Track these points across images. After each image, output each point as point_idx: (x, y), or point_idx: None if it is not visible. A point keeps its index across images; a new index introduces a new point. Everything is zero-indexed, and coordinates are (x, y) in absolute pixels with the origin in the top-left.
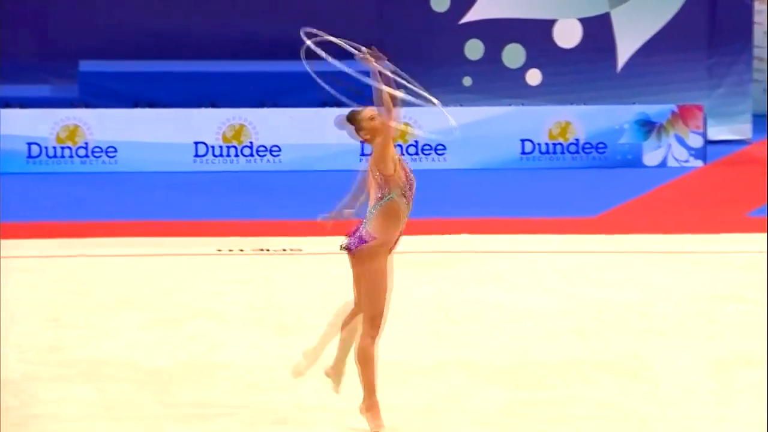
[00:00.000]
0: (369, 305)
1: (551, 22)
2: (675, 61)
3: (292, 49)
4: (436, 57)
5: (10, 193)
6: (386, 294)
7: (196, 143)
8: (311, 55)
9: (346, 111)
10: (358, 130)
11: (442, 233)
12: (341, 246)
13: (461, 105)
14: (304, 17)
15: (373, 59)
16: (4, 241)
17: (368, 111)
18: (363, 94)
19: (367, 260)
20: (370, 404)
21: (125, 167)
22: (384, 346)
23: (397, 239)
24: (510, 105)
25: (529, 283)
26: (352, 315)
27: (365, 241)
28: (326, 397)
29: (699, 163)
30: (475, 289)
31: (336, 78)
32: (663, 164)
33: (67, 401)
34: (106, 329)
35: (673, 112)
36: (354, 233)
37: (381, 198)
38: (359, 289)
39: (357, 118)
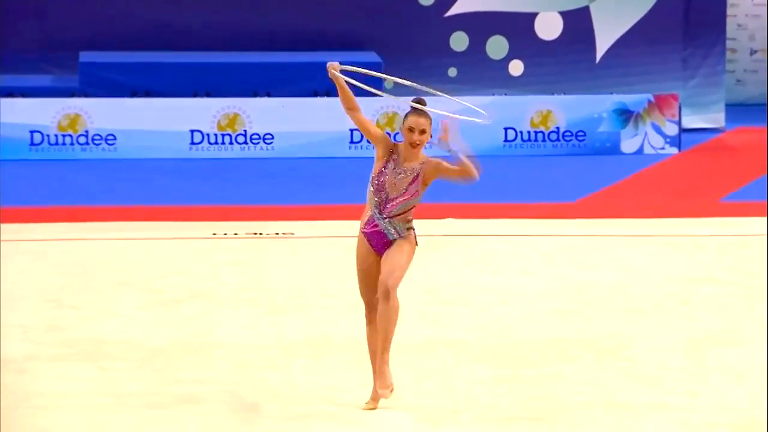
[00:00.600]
0: None
1: (533, 15)
2: (651, 52)
3: (284, 41)
4: (423, 49)
5: (13, 178)
6: (359, 273)
7: (192, 131)
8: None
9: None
10: (426, 122)
11: (429, 218)
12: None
13: (447, 95)
14: (295, 10)
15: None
16: (7, 225)
17: (411, 120)
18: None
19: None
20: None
21: (124, 154)
22: None
23: (374, 229)
24: (493, 95)
25: (514, 266)
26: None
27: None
28: (316, 375)
29: (674, 151)
30: (462, 271)
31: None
32: (640, 151)
33: (68, 379)
34: (106, 310)
35: (649, 102)
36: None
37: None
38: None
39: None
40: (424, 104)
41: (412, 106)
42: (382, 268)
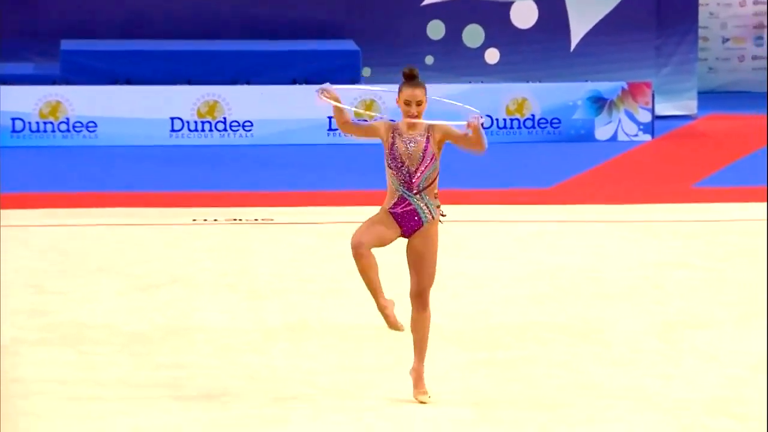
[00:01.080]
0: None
1: (508, 4)
2: (625, 41)
3: (263, 29)
4: (400, 37)
5: None
6: (369, 224)
7: (173, 118)
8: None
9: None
10: (421, 93)
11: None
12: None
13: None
14: None
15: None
16: None
17: (407, 92)
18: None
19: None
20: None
21: (105, 141)
22: (355, 311)
23: (405, 209)
24: (470, 82)
25: (489, 251)
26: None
27: None
28: (296, 359)
29: (647, 138)
30: (438, 256)
31: (306, 58)
32: (614, 138)
33: (51, 363)
34: (87, 295)
35: (623, 89)
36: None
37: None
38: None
39: (421, 84)
40: (417, 74)
41: (404, 76)
42: (416, 272)
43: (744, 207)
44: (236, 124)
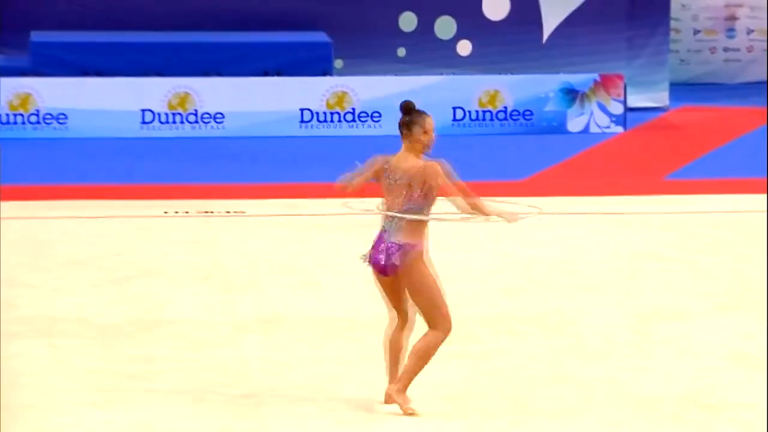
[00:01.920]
0: (432, 304)
1: None
2: (597, 32)
3: (235, 21)
4: (372, 29)
5: None
6: (439, 290)
7: (143, 110)
8: None
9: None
10: (409, 123)
11: (378, 197)
12: (384, 268)
13: (396, 75)
14: None
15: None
16: None
17: (429, 122)
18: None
19: (416, 267)
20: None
21: (75, 133)
22: (328, 304)
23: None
24: (442, 74)
25: (461, 243)
26: (397, 327)
27: (407, 251)
28: (267, 351)
29: (620, 129)
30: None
31: (281, 48)
32: (586, 130)
33: (23, 356)
34: (60, 288)
35: (595, 81)
36: (383, 251)
37: (410, 210)
38: (409, 296)
39: (416, 117)
40: (413, 104)
41: (413, 110)
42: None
43: (716, 199)
44: (207, 116)
